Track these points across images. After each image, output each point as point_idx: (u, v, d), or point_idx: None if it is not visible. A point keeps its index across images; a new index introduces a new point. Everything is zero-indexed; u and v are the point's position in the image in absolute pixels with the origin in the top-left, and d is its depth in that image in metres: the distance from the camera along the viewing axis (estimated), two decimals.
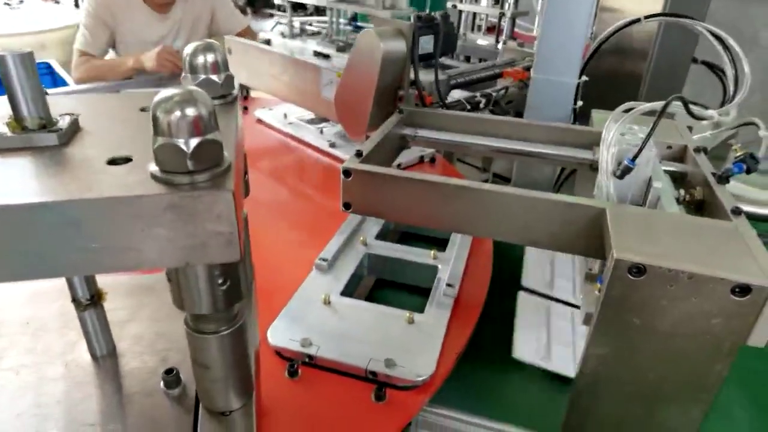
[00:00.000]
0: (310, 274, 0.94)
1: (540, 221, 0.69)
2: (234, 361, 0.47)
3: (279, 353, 0.78)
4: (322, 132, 1.54)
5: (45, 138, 0.43)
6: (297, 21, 1.95)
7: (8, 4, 4.71)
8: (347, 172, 0.78)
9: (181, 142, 0.36)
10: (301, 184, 1.40)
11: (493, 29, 1.94)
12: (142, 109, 0.52)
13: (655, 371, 0.58)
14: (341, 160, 1.46)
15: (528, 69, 1.40)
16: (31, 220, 0.35)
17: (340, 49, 1.56)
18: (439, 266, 0.96)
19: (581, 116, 1.21)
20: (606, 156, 0.75)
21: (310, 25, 2.00)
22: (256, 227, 1.20)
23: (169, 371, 0.50)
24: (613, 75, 1.61)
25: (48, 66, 2.47)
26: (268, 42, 1.99)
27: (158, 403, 0.49)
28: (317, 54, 1.59)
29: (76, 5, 4.87)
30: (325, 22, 1.90)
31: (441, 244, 1.06)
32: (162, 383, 0.50)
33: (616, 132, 0.75)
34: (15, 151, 0.42)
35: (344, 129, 1.20)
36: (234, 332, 0.46)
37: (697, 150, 0.83)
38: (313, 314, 0.84)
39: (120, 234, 0.36)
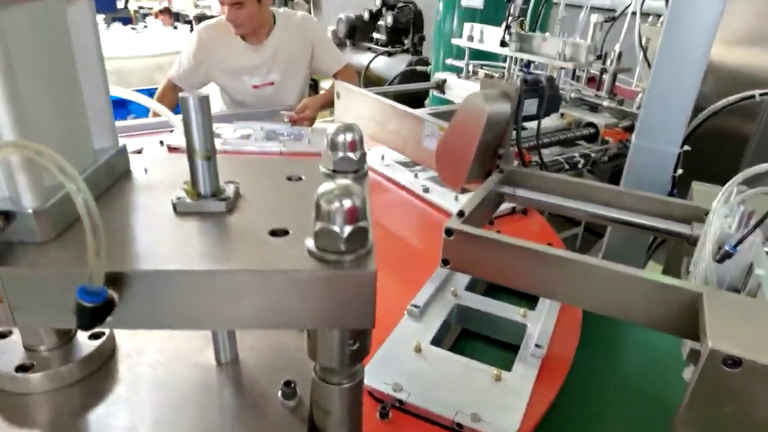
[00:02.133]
0: (403, 320, 0.99)
1: (638, 299, 0.71)
2: (351, 410, 0.53)
3: (372, 394, 0.84)
4: (416, 176, 1.62)
5: (215, 205, 0.52)
6: (471, 64, 2.10)
7: (134, 29, 5.25)
8: (449, 232, 0.84)
9: (337, 228, 0.43)
10: (395, 227, 1.47)
11: (594, 80, 1.95)
12: (289, 178, 0.60)
13: None
14: (434, 205, 1.53)
15: (627, 129, 1.40)
16: (212, 282, 0.43)
17: None
18: (528, 324, 0.99)
19: (680, 182, 1.20)
20: (708, 238, 0.75)
21: (482, 68, 2.12)
22: None
23: (287, 383, 0.56)
24: (716, 135, 1.57)
25: None
26: (444, 81, 2.12)
27: (276, 412, 0.54)
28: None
29: (191, 30, 5.34)
30: (499, 66, 2.03)
31: (528, 297, 1.08)
32: (280, 393, 0.55)
33: (719, 215, 0.76)
34: (190, 215, 0.51)
35: (442, 179, 1.26)
36: (354, 386, 0.52)
37: None
38: (404, 360, 0.89)
39: (278, 299, 0.44)
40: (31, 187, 0.45)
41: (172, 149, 1.79)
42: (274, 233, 0.48)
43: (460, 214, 0.87)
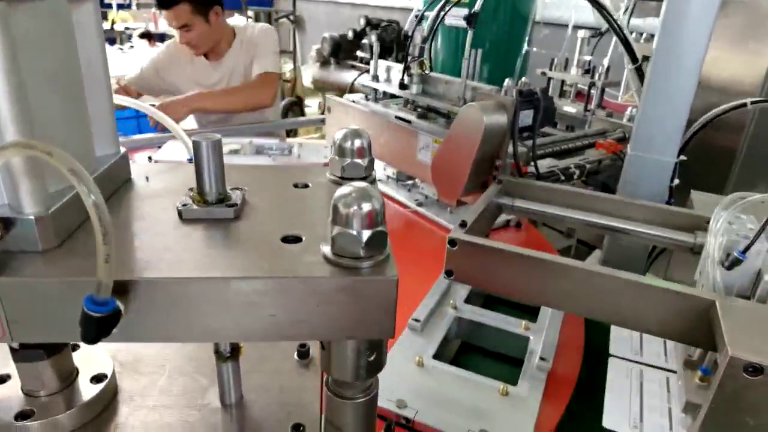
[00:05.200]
0: (403, 333, 0.97)
1: (649, 308, 0.70)
2: (364, 427, 0.50)
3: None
4: (409, 190, 1.61)
5: (223, 212, 0.50)
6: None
7: (121, 49, 5.22)
8: (452, 242, 0.83)
9: (356, 233, 0.41)
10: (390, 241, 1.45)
11: (581, 95, 1.97)
12: (295, 185, 0.58)
13: None
14: (428, 219, 1.52)
15: (620, 140, 1.41)
16: (225, 290, 0.41)
17: (421, 116, 1.58)
18: (531, 337, 0.97)
19: (677, 192, 1.20)
20: (713, 245, 0.75)
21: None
22: None
23: (297, 426, 0.54)
24: (704, 148, 1.59)
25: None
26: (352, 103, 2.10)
27: None
28: (399, 119, 1.64)
29: None
30: None
31: (528, 309, 1.07)
32: None
33: (724, 221, 0.76)
34: (196, 222, 0.49)
35: (438, 192, 1.25)
36: (367, 401, 0.50)
37: None
38: (407, 375, 0.87)
39: (296, 308, 0.42)
40: (34, 192, 0.42)
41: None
42: (286, 239, 0.46)
43: (463, 224, 0.86)
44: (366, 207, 0.41)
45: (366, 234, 0.41)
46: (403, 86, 1.55)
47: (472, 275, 0.84)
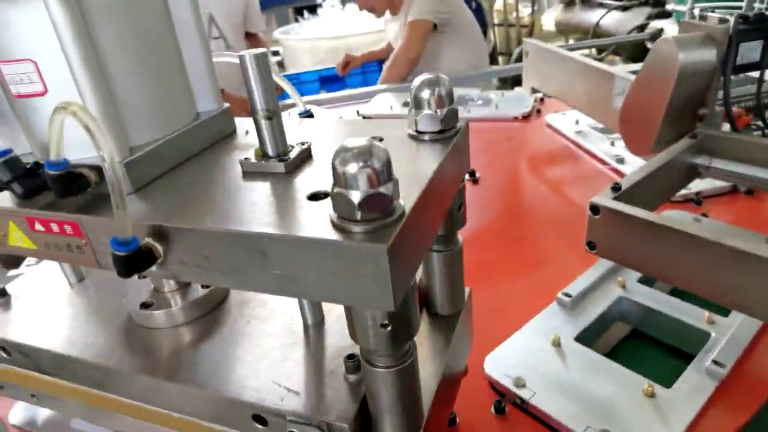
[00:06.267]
0: (548, 308, 0.87)
1: None
2: (398, 397, 0.47)
3: (492, 385, 0.76)
4: (613, 144, 1.39)
5: (275, 166, 0.50)
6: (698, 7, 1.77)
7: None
8: (595, 208, 0.69)
9: (352, 194, 0.37)
10: (577, 200, 1.30)
11: None
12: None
13: None
14: None
15: None
16: (233, 244, 0.42)
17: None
18: (713, 334, 0.77)
19: None
20: None
21: (713, 11, 1.81)
22: (510, 238, 1.18)
23: (351, 356, 0.53)
24: None
25: None
26: (660, 31, 1.81)
27: (334, 383, 0.52)
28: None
29: None
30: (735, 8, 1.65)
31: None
32: (343, 366, 0.53)
33: None
34: (254, 175, 0.51)
35: (626, 144, 1.06)
36: (401, 371, 0.46)
37: None
38: (537, 354, 0.78)
39: (294, 267, 0.40)
40: (116, 144, 0.49)
41: (366, 117, 1.87)
42: (314, 197, 0.45)
43: (616, 187, 0.71)
44: (363, 166, 0.37)
45: (360, 195, 0.37)
46: None
47: (618, 251, 0.70)
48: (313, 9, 5.53)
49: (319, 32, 4.62)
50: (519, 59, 4.71)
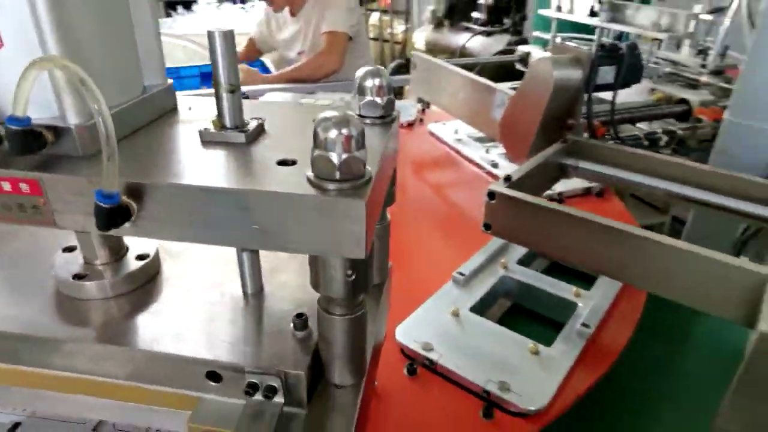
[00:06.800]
0: (446, 285, 0.98)
1: (717, 285, 0.64)
2: (351, 343, 0.54)
3: (403, 351, 0.85)
4: (488, 151, 1.58)
5: (236, 136, 0.54)
6: (558, 37, 2.02)
7: (243, 8, 5.49)
8: (491, 194, 0.82)
9: (332, 156, 0.43)
10: (458, 199, 1.45)
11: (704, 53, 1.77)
12: (314, 120, 0.61)
13: None
14: None
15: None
16: (215, 199, 0.45)
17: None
18: (580, 304, 0.94)
19: None
20: None
21: (570, 41, 2.05)
22: (407, 230, 1.28)
23: (299, 315, 0.58)
24: None
25: (262, 64, 2.92)
26: (527, 55, 2.04)
27: (284, 340, 0.57)
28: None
29: None
30: (588, 40, 1.95)
31: (586, 278, 1.03)
32: (292, 325, 0.58)
33: None
34: (214, 144, 0.54)
35: (506, 151, 1.22)
36: (354, 319, 0.52)
37: None
38: (440, 322, 0.89)
39: (276, 221, 0.45)
40: (76, 106, 0.50)
41: None
42: (283, 163, 0.50)
43: (507, 178, 0.84)
44: (343, 132, 0.43)
45: (340, 157, 0.43)
46: (593, 14, 1.55)
47: (510, 231, 0.83)
48: (188, 5, 5.32)
49: (194, 29, 4.47)
50: (394, 73, 4.95)
